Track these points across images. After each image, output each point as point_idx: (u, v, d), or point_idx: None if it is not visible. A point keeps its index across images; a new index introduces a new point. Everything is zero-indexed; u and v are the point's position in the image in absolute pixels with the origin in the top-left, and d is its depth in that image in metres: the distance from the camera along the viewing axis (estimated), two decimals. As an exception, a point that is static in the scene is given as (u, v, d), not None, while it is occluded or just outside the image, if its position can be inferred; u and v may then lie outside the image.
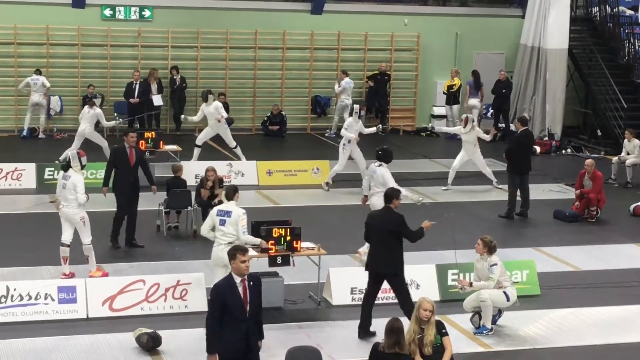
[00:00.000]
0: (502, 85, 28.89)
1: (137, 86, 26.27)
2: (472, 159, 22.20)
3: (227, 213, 13.49)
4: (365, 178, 17.43)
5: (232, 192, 13.80)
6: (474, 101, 29.07)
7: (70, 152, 15.15)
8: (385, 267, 13.21)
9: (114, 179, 16.96)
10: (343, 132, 21.62)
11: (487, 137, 22.42)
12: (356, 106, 22.19)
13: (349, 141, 21.41)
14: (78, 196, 14.82)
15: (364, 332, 13.16)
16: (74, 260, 15.13)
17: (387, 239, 13.16)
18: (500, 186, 22.19)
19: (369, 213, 13.84)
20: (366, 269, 13.53)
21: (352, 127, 21.54)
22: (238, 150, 23.30)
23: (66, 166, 15.08)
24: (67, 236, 15.01)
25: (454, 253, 14.66)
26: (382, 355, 10.56)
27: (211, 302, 10.10)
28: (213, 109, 22.81)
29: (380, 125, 23.10)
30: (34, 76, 26.06)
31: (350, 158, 21.65)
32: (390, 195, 13.48)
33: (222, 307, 9.94)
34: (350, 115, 22.03)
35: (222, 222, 13.47)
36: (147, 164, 17.54)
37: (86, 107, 22.84)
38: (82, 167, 15.16)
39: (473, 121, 22.37)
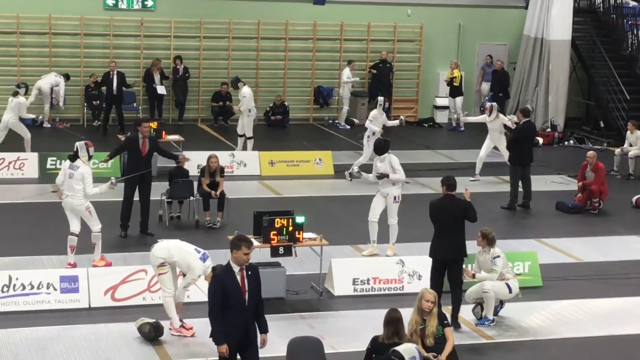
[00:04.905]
0: (497, 76, 28.91)
1: (115, 77, 25.51)
2: (498, 147, 22.14)
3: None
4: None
5: None
6: (485, 86, 29.65)
7: (78, 143, 15.16)
8: (451, 254, 13.32)
9: (126, 166, 17.07)
10: (368, 124, 21.65)
11: (512, 124, 22.29)
12: (381, 98, 22.14)
13: (373, 133, 21.38)
14: (86, 188, 14.84)
15: None
16: (77, 249, 15.12)
17: (454, 226, 13.30)
18: None
19: (431, 201, 13.75)
20: (430, 256, 13.57)
21: (377, 120, 21.58)
22: (250, 143, 23.33)
23: (73, 156, 15.08)
24: (75, 226, 15.03)
25: None
26: (382, 346, 10.58)
27: (211, 292, 10.11)
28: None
29: (402, 118, 22.94)
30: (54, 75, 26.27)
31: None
32: (454, 183, 13.59)
33: (222, 295, 9.96)
34: (375, 107, 22.00)
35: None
36: (161, 149, 17.66)
37: (10, 96, 22.48)
38: (90, 157, 15.17)
39: (499, 109, 22.37)
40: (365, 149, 21.74)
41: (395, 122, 22.33)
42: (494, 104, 22.63)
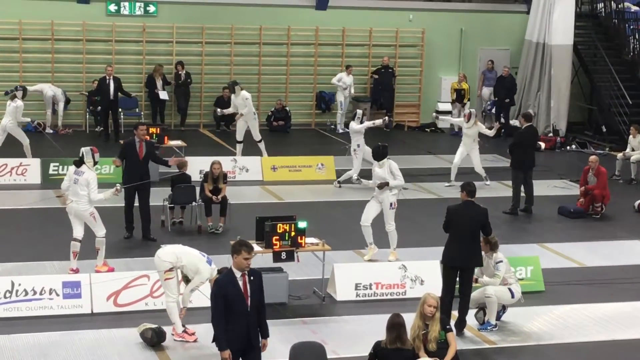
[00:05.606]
0: (504, 82, 28.90)
1: (112, 82, 25.53)
2: (469, 154, 22.13)
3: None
4: None
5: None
6: (485, 91, 29.74)
7: (84, 148, 15.17)
8: (467, 261, 13.23)
9: (124, 171, 17.10)
10: (352, 126, 21.54)
11: (490, 132, 22.38)
12: (359, 111, 22.09)
13: (358, 145, 21.34)
14: (91, 194, 14.84)
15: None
16: (80, 255, 15.11)
17: (472, 233, 13.21)
18: (489, 182, 22.20)
19: (450, 207, 13.61)
20: (443, 262, 13.45)
21: (358, 133, 21.49)
22: (262, 145, 23.31)
23: (79, 162, 15.08)
24: (78, 231, 15.02)
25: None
26: (385, 351, 10.58)
27: (213, 297, 10.11)
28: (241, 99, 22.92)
29: (386, 118, 22.93)
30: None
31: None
32: (475, 189, 13.51)
33: (224, 300, 9.96)
34: (353, 119, 21.94)
35: None
36: (156, 156, 17.64)
37: (9, 100, 22.41)
38: (95, 163, 15.18)
39: (476, 116, 22.39)
40: (354, 162, 21.53)
41: (379, 121, 22.18)
42: (472, 110, 22.56)
